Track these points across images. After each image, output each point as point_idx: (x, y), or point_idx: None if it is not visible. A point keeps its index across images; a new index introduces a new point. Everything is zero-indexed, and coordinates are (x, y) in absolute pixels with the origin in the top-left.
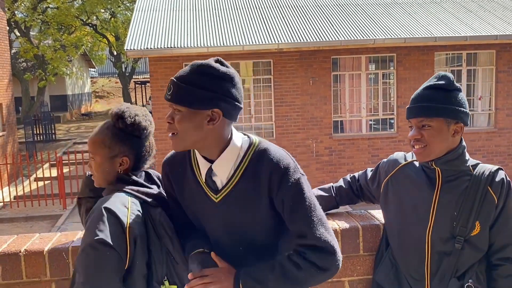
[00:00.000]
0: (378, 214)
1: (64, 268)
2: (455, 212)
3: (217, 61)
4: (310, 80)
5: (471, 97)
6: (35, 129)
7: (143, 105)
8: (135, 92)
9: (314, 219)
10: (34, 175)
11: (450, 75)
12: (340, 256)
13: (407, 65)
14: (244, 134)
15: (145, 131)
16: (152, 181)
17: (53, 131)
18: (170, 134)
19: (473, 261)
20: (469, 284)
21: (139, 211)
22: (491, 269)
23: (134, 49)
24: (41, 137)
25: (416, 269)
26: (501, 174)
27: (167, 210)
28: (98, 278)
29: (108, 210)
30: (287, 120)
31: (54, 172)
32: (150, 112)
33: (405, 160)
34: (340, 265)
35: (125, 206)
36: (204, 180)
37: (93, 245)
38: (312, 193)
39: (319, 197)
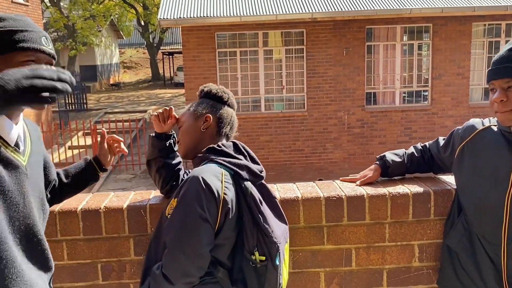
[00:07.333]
0: (449, 179)
1: (142, 225)
2: None
3: None
4: (343, 50)
5: None
6: (67, 98)
7: (170, 76)
8: (163, 63)
9: None
10: (69, 143)
11: None
12: None
13: (443, 36)
14: None
15: (228, 98)
16: (239, 152)
17: (84, 101)
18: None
19: None
20: None
21: (231, 184)
22: None
23: (167, 18)
24: (73, 106)
25: (493, 233)
26: None
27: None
28: (191, 247)
29: (205, 184)
30: (319, 92)
31: (88, 141)
32: (181, 83)
33: (483, 125)
34: None
35: (218, 179)
36: None
37: (192, 219)
38: None
39: (391, 162)
